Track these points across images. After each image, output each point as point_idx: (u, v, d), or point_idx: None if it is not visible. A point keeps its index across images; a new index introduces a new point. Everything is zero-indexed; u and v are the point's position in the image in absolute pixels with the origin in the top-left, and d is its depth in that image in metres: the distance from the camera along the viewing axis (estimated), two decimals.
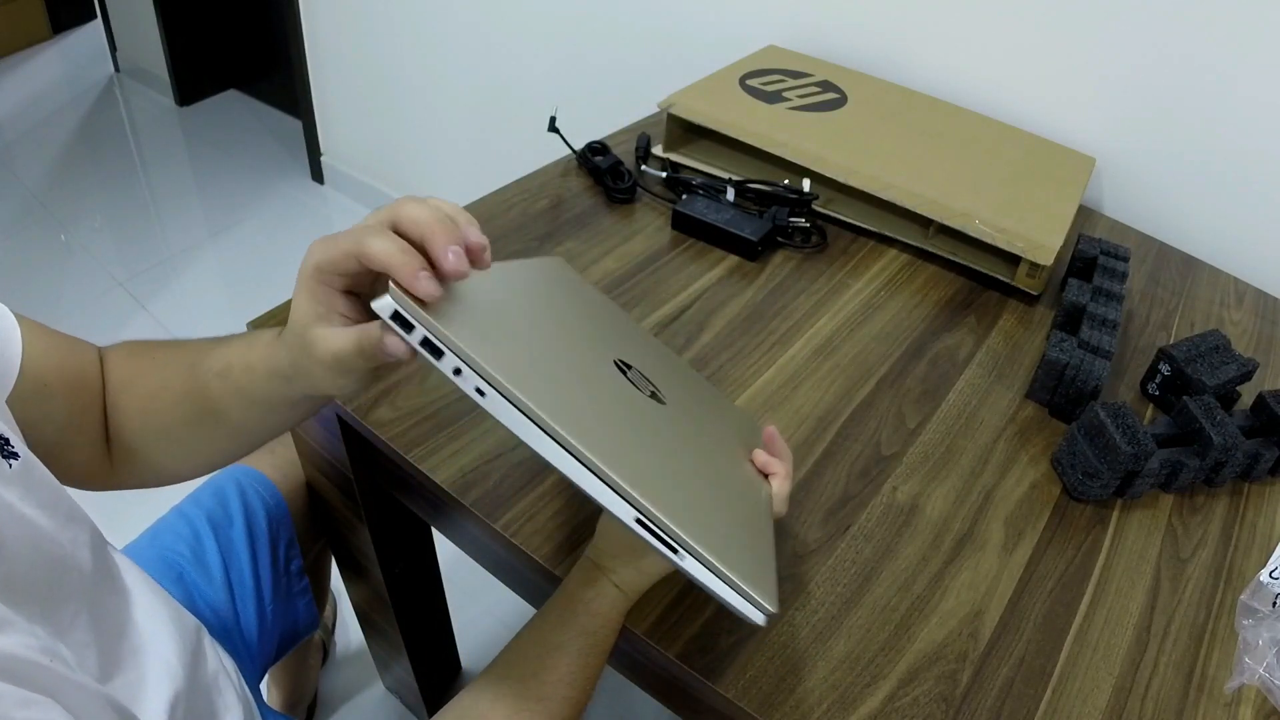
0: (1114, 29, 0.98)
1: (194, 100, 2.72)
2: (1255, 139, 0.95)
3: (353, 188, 2.27)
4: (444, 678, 1.22)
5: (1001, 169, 0.96)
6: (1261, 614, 0.59)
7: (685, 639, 0.55)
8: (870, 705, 0.53)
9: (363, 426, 0.67)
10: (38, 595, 0.42)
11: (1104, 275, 0.84)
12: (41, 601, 0.42)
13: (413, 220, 0.40)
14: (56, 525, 0.45)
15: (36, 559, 0.43)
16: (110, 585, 0.53)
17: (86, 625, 0.47)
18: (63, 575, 0.45)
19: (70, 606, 0.45)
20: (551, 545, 0.60)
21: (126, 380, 0.54)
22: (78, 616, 0.46)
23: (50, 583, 0.44)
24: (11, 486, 0.42)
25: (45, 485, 0.46)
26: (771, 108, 1.01)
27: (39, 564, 0.43)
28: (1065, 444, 0.69)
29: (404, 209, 0.40)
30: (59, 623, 0.44)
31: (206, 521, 0.80)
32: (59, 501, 0.47)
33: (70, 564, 0.46)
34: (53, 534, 0.45)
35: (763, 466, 0.55)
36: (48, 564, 0.44)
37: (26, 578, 0.41)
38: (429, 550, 0.99)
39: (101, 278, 1.99)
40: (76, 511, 0.49)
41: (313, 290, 0.42)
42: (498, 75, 1.70)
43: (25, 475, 0.43)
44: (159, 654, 0.55)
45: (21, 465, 0.43)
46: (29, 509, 0.43)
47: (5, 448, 0.43)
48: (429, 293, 0.38)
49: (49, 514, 0.45)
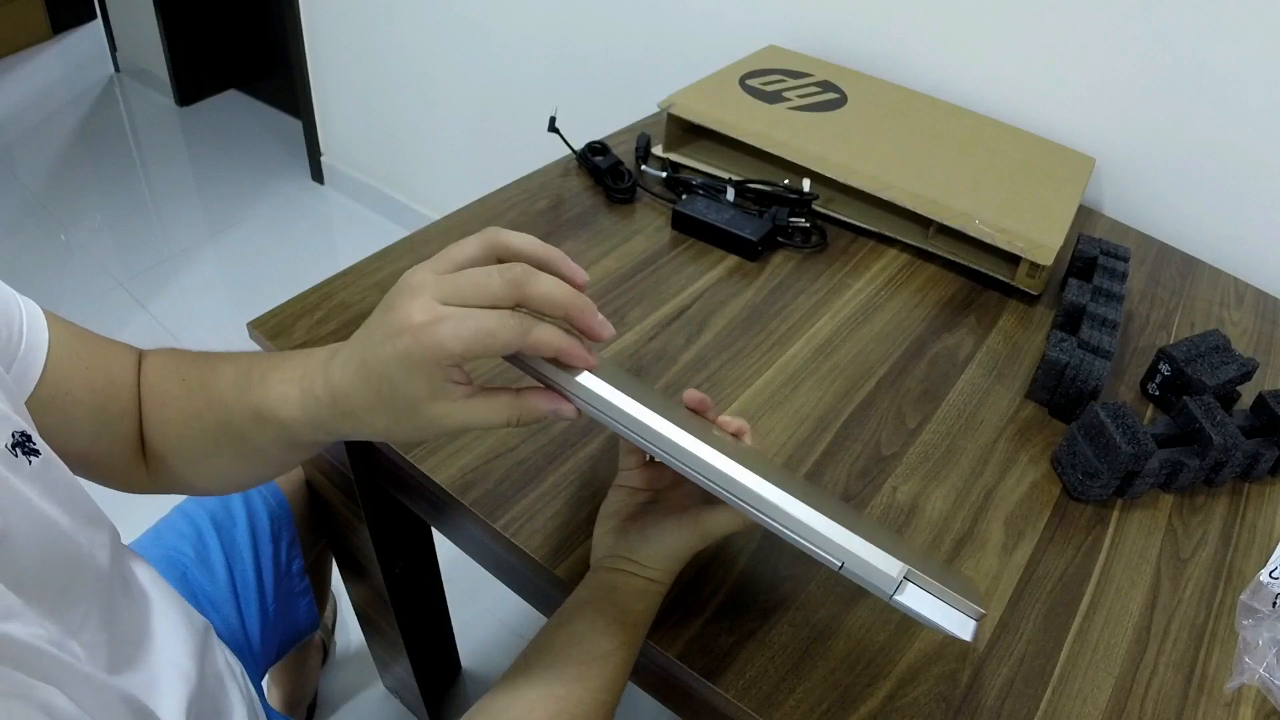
0: (1114, 29, 0.98)
1: (194, 100, 2.72)
2: (1256, 139, 0.95)
3: (353, 188, 2.27)
4: (444, 678, 1.22)
5: (1001, 169, 0.96)
6: (1261, 614, 0.59)
7: (685, 639, 0.55)
8: (870, 705, 0.53)
9: None
10: (50, 592, 0.42)
11: (1104, 275, 0.84)
12: (54, 599, 0.42)
13: (551, 301, 0.39)
14: (75, 525, 0.45)
15: (50, 556, 0.43)
16: (125, 588, 0.53)
17: (99, 625, 0.47)
18: (77, 575, 0.45)
19: (83, 606, 0.45)
20: (551, 545, 0.60)
21: (161, 399, 0.53)
22: (89, 616, 0.46)
23: (64, 581, 0.44)
24: (31, 483, 0.42)
25: (65, 484, 0.45)
26: (771, 108, 1.01)
27: (52, 561, 0.43)
28: (1065, 444, 0.69)
29: (537, 287, 0.39)
30: (70, 621, 0.44)
31: (210, 521, 0.80)
32: (78, 501, 0.46)
33: (86, 564, 0.46)
34: (70, 533, 0.45)
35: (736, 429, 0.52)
36: (62, 562, 0.44)
37: (39, 574, 0.41)
38: (429, 550, 1.00)
39: (101, 278, 1.99)
40: (97, 513, 0.49)
41: (431, 374, 0.38)
42: (498, 75, 1.70)
43: (45, 473, 0.43)
44: (171, 654, 0.55)
45: (41, 463, 0.43)
46: (48, 506, 0.43)
47: (27, 444, 0.42)
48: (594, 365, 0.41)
49: (68, 513, 0.45)
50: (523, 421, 0.41)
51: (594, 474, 0.65)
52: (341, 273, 0.81)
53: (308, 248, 2.14)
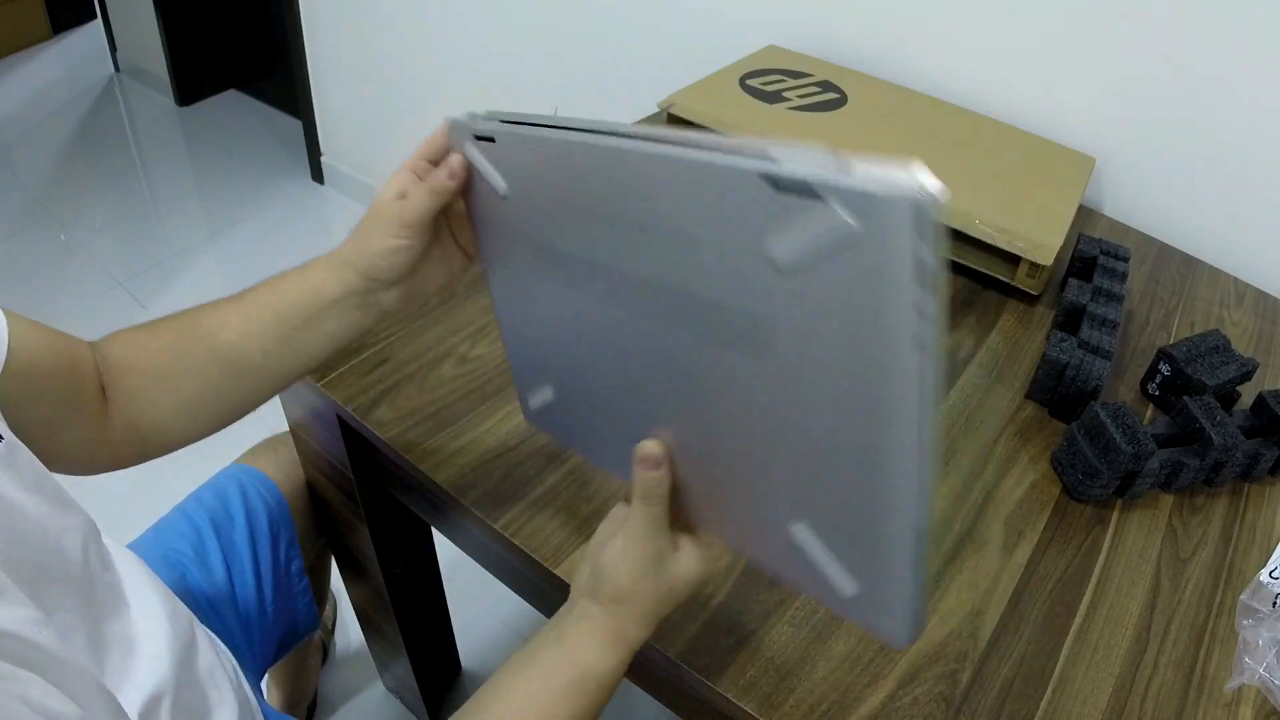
0: (1114, 29, 0.98)
1: (194, 100, 2.72)
2: (1255, 139, 0.95)
3: (353, 188, 2.27)
4: (444, 678, 1.22)
5: (1001, 169, 0.96)
6: (1261, 614, 0.59)
7: (685, 639, 0.55)
8: (870, 705, 0.53)
9: (363, 426, 0.67)
10: (22, 577, 0.42)
11: (1104, 275, 0.84)
12: (29, 582, 0.43)
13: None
14: (43, 510, 0.46)
15: (17, 539, 0.43)
16: (103, 574, 0.53)
17: (73, 609, 0.47)
18: (47, 559, 0.46)
19: (56, 589, 0.46)
20: (551, 545, 0.60)
21: (130, 362, 0.55)
22: (64, 598, 0.46)
23: (36, 564, 0.44)
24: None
25: (30, 469, 0.46)
26: (771, 108, 1.01)
27: (20, 545, 0.43)
28: (1065, 444, 0.69)
29: None
30: (44, 605, 0.44)
31: (209, 521, 0.80)
32: (46, 487, 0.47)
33: (54, 549, 0.47)
34: (39, 518, 0.45)
35: None
36: (31, 546, 0.44)
37: (8, 557, 0.42)
38: (429, 550, 1.00)
39: (101, 278, 1.99)
40: (66, 499, 0.49)
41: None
42: (497, 75, 1.70)
43: (10, 457, 0.44)
44: (148, 645, 0.55)
45: (5, 447, 0.44)
46: (15, 492, 0.43)
47: None
48: None
49: (35, 497, 0.45)
50: (435, 188, 0.50)
51: (594, 474, 0.65)
52: None
53: (308, 248, 2.12)
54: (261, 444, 0.91)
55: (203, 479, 0.85)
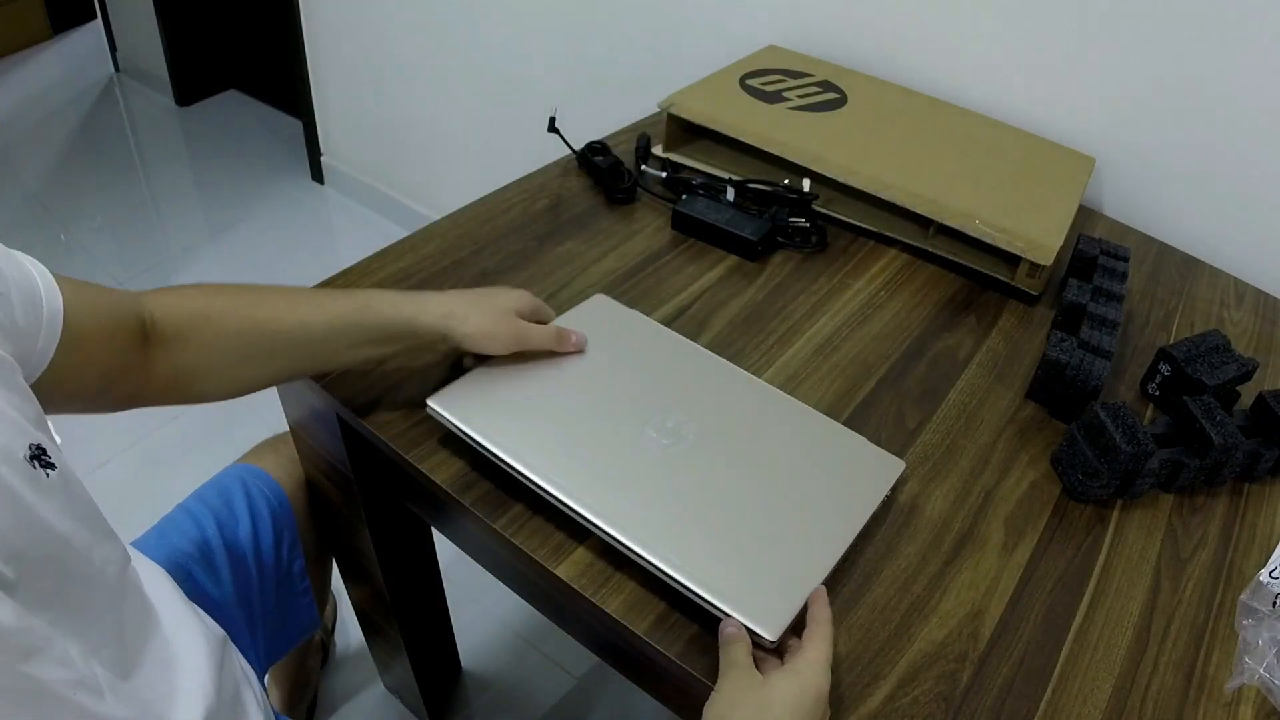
0: (1114, 29, 0.98)
1: (194, 100, 2.72)
2: (1255, 139, 0.95)
3: (353, 188, 2.27)
4: (444, 678, 1.22)
5: (1001, 169, 0.96)
6: (1261, 614, 0.59)
7: (685, 639, 0.55)
8: (870, 705, 0.53)
9: (363, 426, 0.67)
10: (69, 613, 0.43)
11: (1104, 275, 0.84)
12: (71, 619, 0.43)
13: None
14: (89, 540, 0.47)
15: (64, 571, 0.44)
16: (137, 603, 0.54)
17: (113, 639, 0.48)
18: (91, 592, 0.46)
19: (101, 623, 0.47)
20: (551, 545, 0.60)
21: (198, 316, 0.59)
22: (105, 631, 0.47)
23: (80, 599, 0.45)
24: (49, 497, 0.43)
25: (82, 499, 0.47)
26: (771, 108, 1.01)
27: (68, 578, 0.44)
28: (1065, 444, 0.69)
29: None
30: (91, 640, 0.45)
31: (213, 521, 0.80)
32: (93, 518, 0.48)
33: (98, 580, 0.47)
34: (84, 550, 0.46)
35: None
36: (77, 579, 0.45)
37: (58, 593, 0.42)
38: (429, 550, 1.00)
39: (101, 278, 1.98)
40: (109, 530, 0.50)
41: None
42: (498, 75, 1.70)
43: (63, 486, 0.45)
44: (189, 667, 0.56)
45: (59, 476, 0.44)
46: (64, 521, 0.44)
47: (43, 457, 0.44)
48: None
49: (84, 527, 0.46)
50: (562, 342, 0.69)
51: None
52: (341, 272, 0.81)
53: (308, 248, 2.14)
54: (263, 444, 0.91)
55: (204, 477, 0.85)
